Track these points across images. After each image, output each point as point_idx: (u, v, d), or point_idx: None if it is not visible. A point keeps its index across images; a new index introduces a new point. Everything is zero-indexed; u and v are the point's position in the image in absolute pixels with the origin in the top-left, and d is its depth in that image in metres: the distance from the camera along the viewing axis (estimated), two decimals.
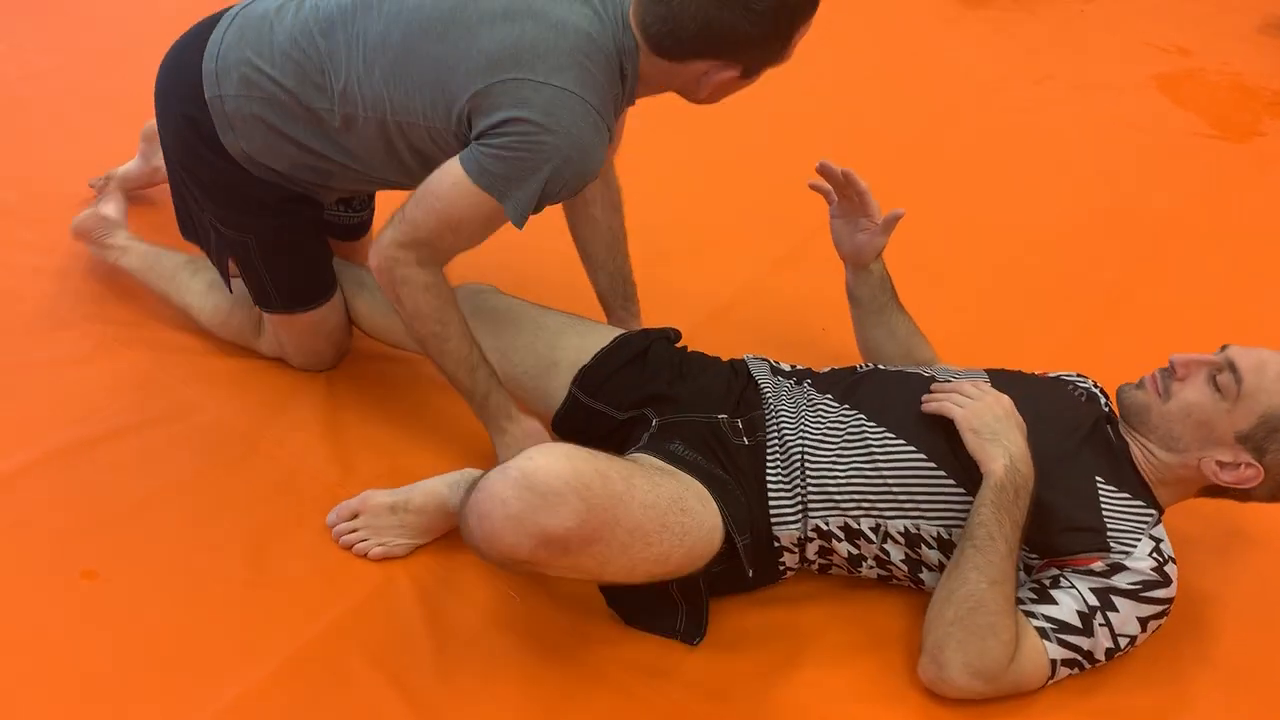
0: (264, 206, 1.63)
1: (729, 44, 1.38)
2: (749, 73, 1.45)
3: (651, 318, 1.85)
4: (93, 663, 1.36)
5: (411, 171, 1.53)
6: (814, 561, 1.44)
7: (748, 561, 1.36)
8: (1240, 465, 1.35)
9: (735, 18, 1.34)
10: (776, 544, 1.40)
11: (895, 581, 1.46)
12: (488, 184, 1.39)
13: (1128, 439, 1.43)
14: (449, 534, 1.52)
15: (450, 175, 1.42)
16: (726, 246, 2.27)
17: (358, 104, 1.48)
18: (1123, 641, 1.32)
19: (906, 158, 2.64)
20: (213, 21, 1.60)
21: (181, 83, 1.58)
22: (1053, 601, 1.32)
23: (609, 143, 1.47)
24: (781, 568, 1.43)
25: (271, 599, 1.45)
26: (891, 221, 1.62)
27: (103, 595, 1.44)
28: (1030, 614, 1.32)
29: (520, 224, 1.43)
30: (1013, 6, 3.58)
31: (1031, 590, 1.35)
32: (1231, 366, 1.35)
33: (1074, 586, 1.31)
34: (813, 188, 1.67)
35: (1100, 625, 1.30)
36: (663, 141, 2.68)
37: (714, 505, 1.34)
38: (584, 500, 1.15)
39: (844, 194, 1.64)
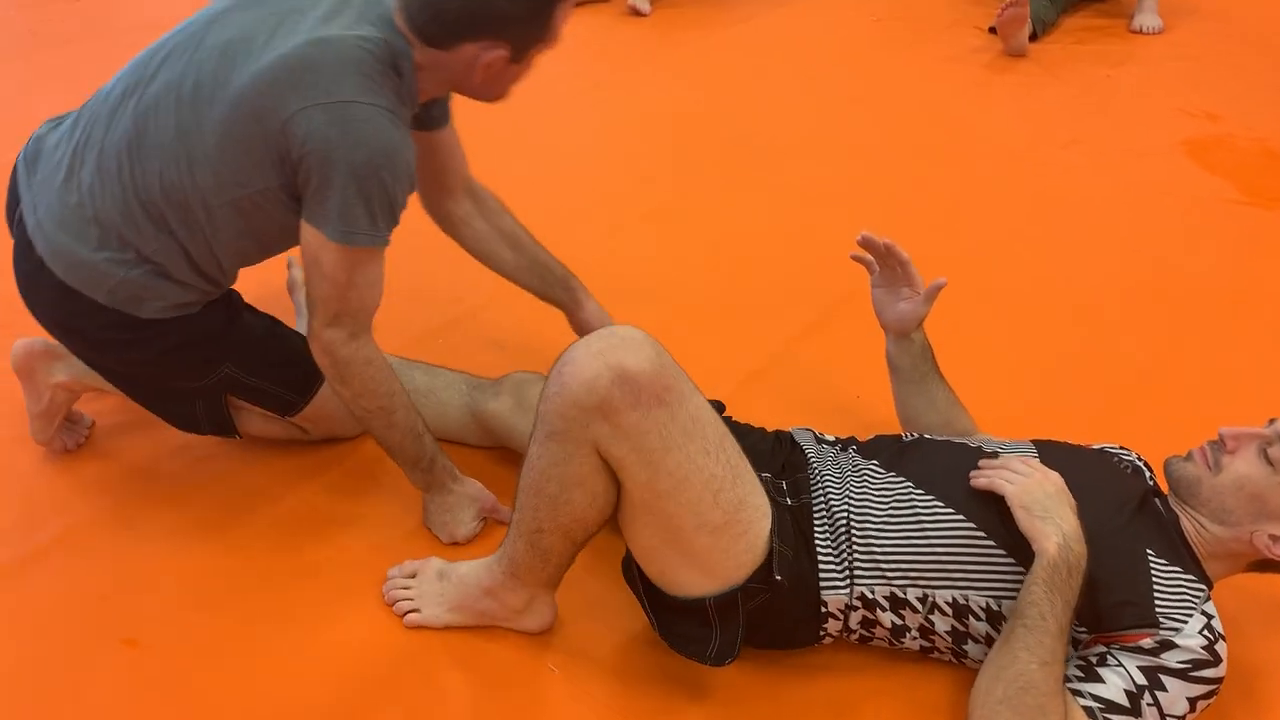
0: (219, 332, 1.63)
1: (490, 20, 1.42)
2: (517, 54, 1.48)
3: None
4: None
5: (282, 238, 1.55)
6: (855, 631, 1.43)
7: (778, 569, 1.34)
8: None
9: None
10: (824, 609, 1.39)
11: (936, 654, 1.45)
12: (332, 230, 1.42)
13: (1178, 512, 1.42)
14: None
15: (309, 238, 1.45)
16: (759, 313, 2.28)
17: (200, 206, 1.47)
18: None
19: (936, 224, 2.65)
20: (20, 239, 1.53)
21: (66, 308, 1.53)
22: (1100, 680, 1.30)
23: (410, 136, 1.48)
24: (822, 632, 1.42)
25: (309, 666, 1.45)
26: (934, 291, 1.63)
27: (143, 663, 1.45)
28: (1078, 693, 1.30)
29: (381, 244, 1.46)
30: (1038, 72, 3.61)
31: (1078, 668, 1.33)
32: None
33: (1122, 665, 1.30)
34: (854, 259, 1.68)
35: (1148, 705, 1.28)
36: (697, 208, 2.71)
37: (767, 504, 1.36)
38: (659, 356, 1.27)
39: (886, 264, 1.65)
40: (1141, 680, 1.28)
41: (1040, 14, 3.82)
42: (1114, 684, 1.29)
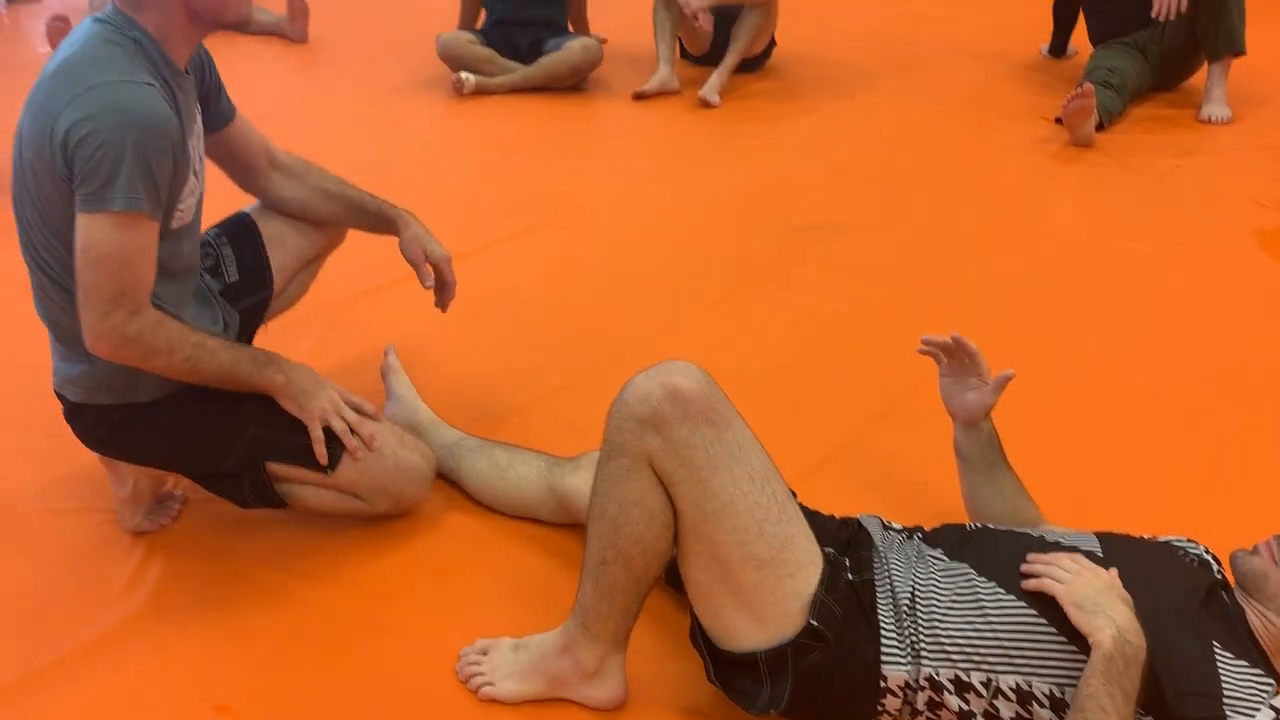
0: (227, 394, 1.71)
1: None
2: None
3: None
4: None
5: None
6: (922, 713, 1.44)
7: (820, 617, 1.38)
8: None
9: None
10: (883, 683, 1.41)
11: None
12: (95, 202, 1.48)
13: (1244, 605, 1.42)
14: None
15: (82, 227, 1.50)
16: (828, 398, 2.32)
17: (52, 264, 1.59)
18: None
19: (1004, 312, 2.68)
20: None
21: (87, 424, 1.73)
22: None
23: (168, 100, 1.55)
24: (880, 709, 1.44)
25: None
26: (1002, 382, 1.67)
27: None
28: None
29: (153, 211, 1.52)
30: (1105, 163, 3.64)
31: None
32: None
33: None
34: (922, 353, 1.73)
35: None
36: (764, 293, 2.78)
37: (818, 552, 1.43)
38: (707, 383, 1.42)
39: (954, 355, 1.70)
40: None
41: (1107, 105, 3.86)
42: None
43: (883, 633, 1.42)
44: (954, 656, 1.40)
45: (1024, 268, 2.93)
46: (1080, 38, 4.55)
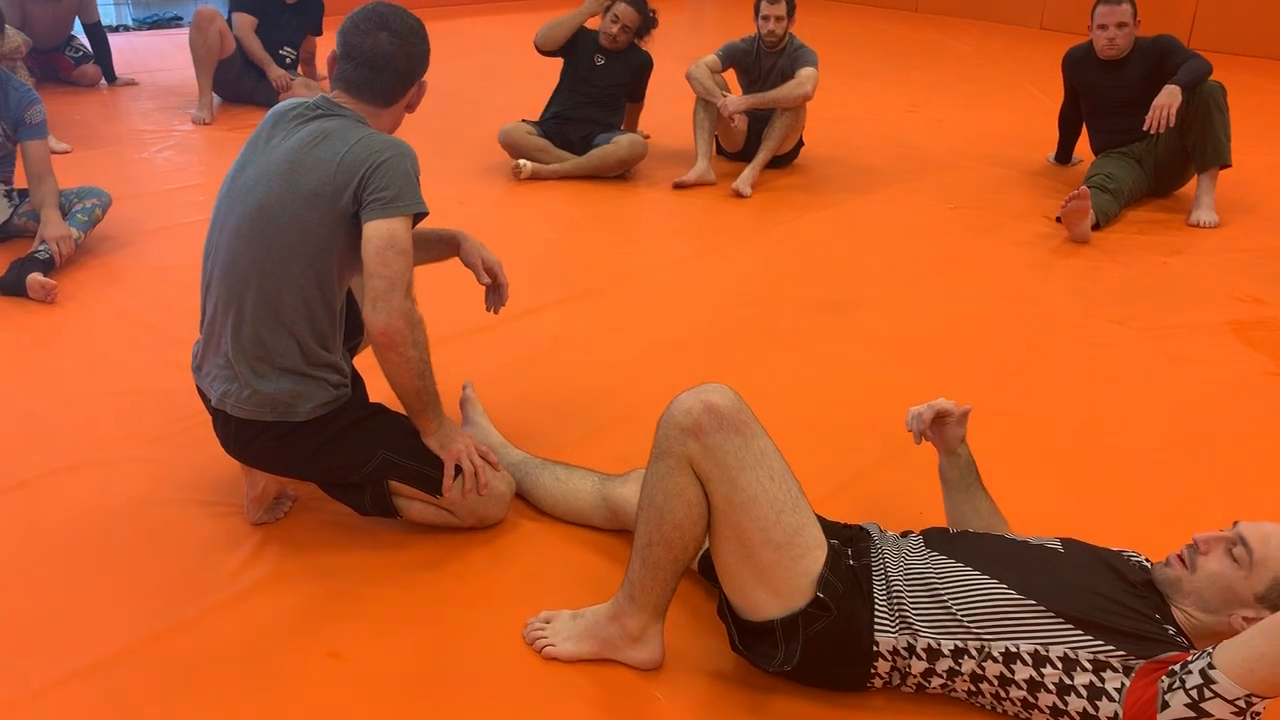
0: (364, 420, 2.08)
1: (424, 60, 2.12)
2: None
3: None
4: None
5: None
6: (913, 676, 1.74)
7: (824, 589, 1.69)
8: None
9: (418, 43, 2.08)
10: (875, 648, 1.73)
11: (981, 699, 1.74)
12: (401, 209, 1.94)
13: (1170, 606, 1.73)
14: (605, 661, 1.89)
15: (383, 229, 1.91)
16: (838, 444, 2.67)
17: (292, 293, 1.96)
18: None
19: (999, 381, 3.03)
20: (216, 414, 2.08)
21: (246, 438, 2.05)
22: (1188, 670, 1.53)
23: None
24: (872, 671, 1.75)
25: (475, 689, 1.85)
26: (963, 415, 2.04)
27: (345, 675, 1.86)
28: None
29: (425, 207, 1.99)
30: (1100, 257, 4.02)
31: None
32: (1242, 540, 1.68)
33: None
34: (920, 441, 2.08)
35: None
36: (786, 356, 3.14)
37: (824, 540, 1.75)
38: (737, 402, 1.76)
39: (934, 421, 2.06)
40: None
41: (1103, 207, 4.24)
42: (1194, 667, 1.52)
43: (876, 606, 1.75)
44: (930, 625, 1.71)
45: (1020, 343, 3.29)
46: (1084, 147, 4.99)
